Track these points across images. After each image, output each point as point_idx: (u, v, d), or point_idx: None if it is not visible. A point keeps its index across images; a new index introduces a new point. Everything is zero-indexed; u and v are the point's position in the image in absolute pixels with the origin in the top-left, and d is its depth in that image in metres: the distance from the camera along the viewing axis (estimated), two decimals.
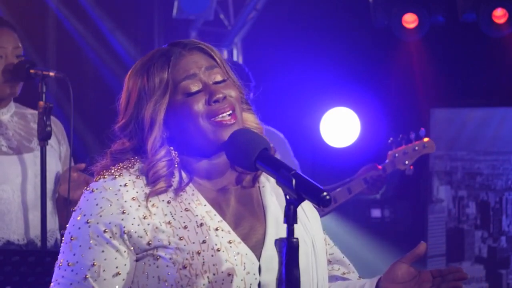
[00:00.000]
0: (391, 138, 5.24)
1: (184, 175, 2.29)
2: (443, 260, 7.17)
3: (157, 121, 2.27)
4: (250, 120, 2.35)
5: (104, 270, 2.20)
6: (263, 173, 2.33)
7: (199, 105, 2.26)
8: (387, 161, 5.20)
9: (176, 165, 2.28)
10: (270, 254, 2.24)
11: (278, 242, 2.02)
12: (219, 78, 2.31)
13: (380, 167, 5.17)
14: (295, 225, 2.13)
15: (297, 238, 2.00)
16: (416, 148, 5.24)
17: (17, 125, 3.94)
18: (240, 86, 2.36)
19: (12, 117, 3.95)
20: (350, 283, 2.40)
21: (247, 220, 2.30)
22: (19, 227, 3.81)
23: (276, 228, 2.29)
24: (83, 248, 2.22)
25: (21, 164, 3.85)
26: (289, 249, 1.99)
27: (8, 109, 3.95)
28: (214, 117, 2.26)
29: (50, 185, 3.87)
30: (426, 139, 5.27)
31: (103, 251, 2.20)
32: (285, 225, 2.25)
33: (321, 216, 2.49)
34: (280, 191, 2.35)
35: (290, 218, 2.01)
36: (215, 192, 2.31)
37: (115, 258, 2.21)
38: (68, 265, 2.22)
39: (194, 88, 2.28)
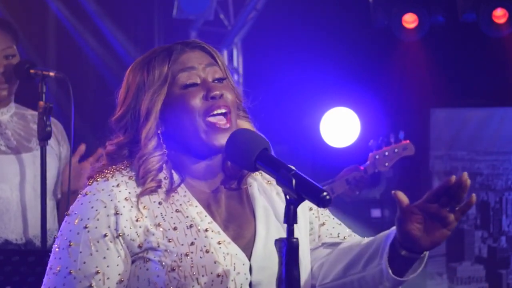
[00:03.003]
0: (372, 141, 5.31)
1: (176, 176, 2.28)
2: (443, 260, 7.17)
3: (153, 112, 2.26)
4: (246, 127, 2.34)
5: (108, 278, 2.19)
6: (249, 173, 2.34)
7: (196, 100, 2.26)
8: (368, 162, 5.26)
9: (166, 163, 2.27)
10: (261, 253, 2.24)
11: (278, 242, 2.01)
12: (218, 75, 2.31)
13: (362, 168, 5.22)
14: (271, 220, 2.15)
15: (297, 238, 2.00)
16: (396, 150, 5.32)
17: (17, 125, 3.94)
18: (238, 93, 2.35)
19: (12, 117, 3.95)
20: (366, 243, 2.29)
21: (237, 220, 2.30)
22: (18, 226, 3.81)
23: (266, 227, 2.29)
24: (84, 254, 2.19)
25: (19, 163, 3.84)
26: (289, 249, 1.99)
27: (8, 109, 3.95)
28: (210, 113, 2.25)
29: (49, 186, 3.87)
30: (405, 142, 5.34)
31: (104, 258, 2.19)
32: (275, 223, 2.26)
33: None
34: (268, 188, 2.37)
35: (290, 218, 2.01)
36: (206, 193, 2.31)
37: (117, 265, 2.20)
38: (69, 272, 2.18)
39: (191, 80, 2.28)
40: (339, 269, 2.30)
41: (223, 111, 2.27)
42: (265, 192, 2.37)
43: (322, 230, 2.42)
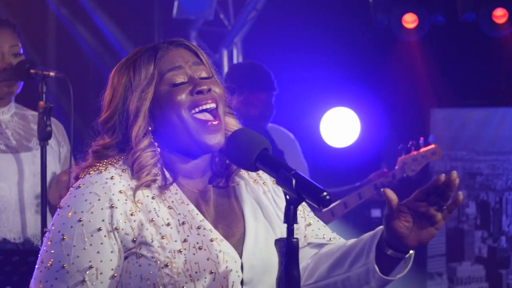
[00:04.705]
0: (401, 145, 5.30)
1: (167, 173, 2.28)
2: (443, 260, 7.17)
3: (142, 111, 2.27)
4: (232, 124, 2.36)
5: (101, 273, 2.17)
6: (237, 171, 2.35)
7: (182, 96, 2.27)
8: (397, 167, 5.25)
9: (158, 161, 2.27)
10: (251, 251, 2.24)
11: (278, 242, 2.01)
12: (204, 74, 2.33)
13: (390, 173, 5.22)
14: (258, 219, 2.14)
15: (297, 238, 2.00)
16: (424, 154, 5.30)
17: (17, 125, 3.94)
18: (225, 89, 2.36)
19: (12, 117, 3.95)
20: (348, 245, 2.31)
21: (226, 218, 2.31)
22: (16, 225, 3.81)
23: (255, 225, 2.30)
24: (77, 248, 2.17)
25: (17, 163, 3.84)
26: (289, 249, 1.99)
27: (9, 109, 3.95)
28: (196, 107, 2.26)
29: (48, 185, 3.86)
30: (433, 146, 5.34)
31: (98, 252, 2.17)
32: (264, 222, 2.26)
33: (332, 220, 2.47)
34: (255, 187, 2.38)
35: (290, 218, 2.01)
36: (195, 192, 2.31)
37: (111, 260, 2.19)
38: (62, 266, 2.16)
39: (180, 79, 2.29)
40: (323, 270, 2.31)
41: (212, 106, 2.28)
42: (253, 191, 2.38)
43: (308, 230, 2.43)
